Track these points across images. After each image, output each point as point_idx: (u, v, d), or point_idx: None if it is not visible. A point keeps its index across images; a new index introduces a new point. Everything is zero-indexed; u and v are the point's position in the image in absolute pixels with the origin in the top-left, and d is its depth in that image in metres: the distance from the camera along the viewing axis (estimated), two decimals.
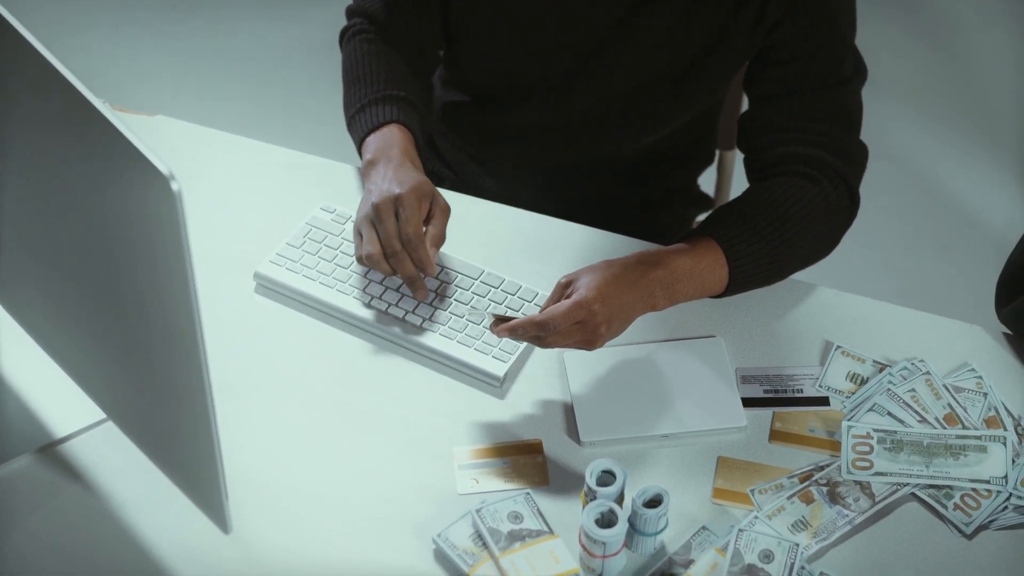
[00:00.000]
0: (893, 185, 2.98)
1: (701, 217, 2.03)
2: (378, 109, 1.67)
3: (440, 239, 1.57)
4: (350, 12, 1.80)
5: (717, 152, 2.04)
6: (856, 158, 1.66)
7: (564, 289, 1.49)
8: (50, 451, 1.47)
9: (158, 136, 1.79)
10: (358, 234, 1.58)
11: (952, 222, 2.96)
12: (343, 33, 1.80)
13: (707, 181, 2.03)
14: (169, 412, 1.26)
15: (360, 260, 1.56)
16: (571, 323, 1.45)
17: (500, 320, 1.48)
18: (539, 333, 1.45)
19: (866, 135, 1.68)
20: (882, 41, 3.24)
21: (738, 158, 1.85)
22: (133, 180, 1.08)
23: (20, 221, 1.32)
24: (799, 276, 1.65)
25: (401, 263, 1.55)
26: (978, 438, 1.47)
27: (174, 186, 1.05)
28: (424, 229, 1.56)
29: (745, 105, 1.75)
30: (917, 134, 3.12)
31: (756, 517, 1.42)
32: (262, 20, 3.32)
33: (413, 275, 1.55)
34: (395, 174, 1.58)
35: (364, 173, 1.63)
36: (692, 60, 1.67)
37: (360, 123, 1.67)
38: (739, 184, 1.81)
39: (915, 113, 3.16)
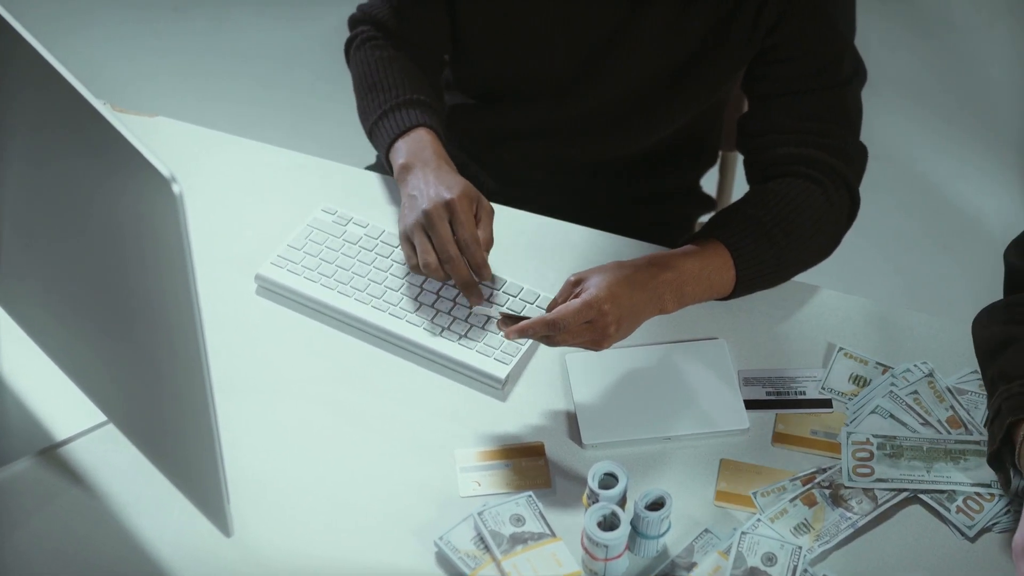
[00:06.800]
0: (891, 184, 2.98)
1: (703, 218, 2.02)
2: (402, 114, 1.66)
3: (490, 243, 1.56)
4: (354, 21, 1.78)
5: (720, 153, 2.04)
6: (856, 159, 1.65)
7: (573, 288, 1.48)
8: (51, 454, 1.46)
9: (158, 137, 1.78)
10: (407, 242, 1.55)
11: (951, 221, 2.96)
12: (349, 43, 1.78)
13: (708, 182, 2.03)
14: (170, 415, 1.26)
15: (415, 269, 1.54)
16: (581, 322, 1.44)
17: (508, 319, 1.48)
18: (549, 332, 1.44)
19: (864, 133, 1.68)
20: (880, 38, 3.24)
21: (740, 159, 1.85)
22: (134, 182, 1.08)
23: (19, 222, 1.31)
24: (801, 278, 1.64)
25: (457, 269, 1.53)
26: (978, 443, 1.47)
27: (175, 188, 1.04)
28: None
29: (746, 106, 1.75)
30: (915, 132, 3.12)
31: (759, 520, 1.41)
32: (263, 20, 3.32)
33: (469, 280, 1.54)
34: (437, 178, 1.56)
35: (399, 179, 1.61)
36: (692, 59, 1.67)
37: (385, 129, 1.66)
38: (740, 185, 1.80)
39: (913, 110, 3.15)
